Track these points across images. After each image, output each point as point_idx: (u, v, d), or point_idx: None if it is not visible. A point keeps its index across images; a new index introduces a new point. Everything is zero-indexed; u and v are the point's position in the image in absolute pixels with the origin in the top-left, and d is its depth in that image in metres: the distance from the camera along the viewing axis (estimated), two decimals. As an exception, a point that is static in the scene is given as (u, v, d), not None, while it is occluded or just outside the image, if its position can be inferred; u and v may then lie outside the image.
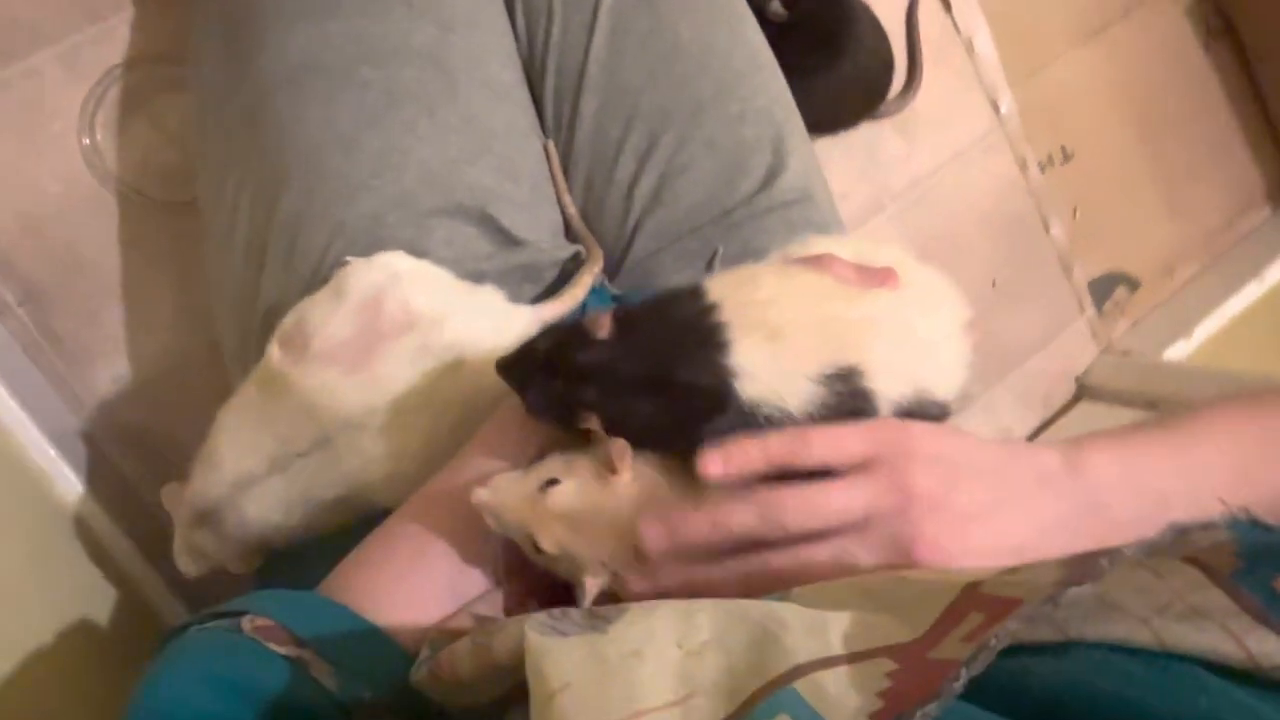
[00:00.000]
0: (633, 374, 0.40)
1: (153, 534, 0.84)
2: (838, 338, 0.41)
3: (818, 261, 0.44)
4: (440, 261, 0.60)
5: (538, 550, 0.41)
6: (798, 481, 0.38)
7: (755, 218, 0.69)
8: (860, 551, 0.37)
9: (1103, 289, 1.33)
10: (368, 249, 0.59)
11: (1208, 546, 0.28)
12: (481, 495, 0.41)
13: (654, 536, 0.39)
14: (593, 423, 0.41)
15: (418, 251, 0.59)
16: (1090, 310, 1.31)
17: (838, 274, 0.44)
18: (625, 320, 0.42)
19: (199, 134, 0.69)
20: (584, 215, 0.73)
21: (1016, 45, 1.21)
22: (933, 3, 1.14)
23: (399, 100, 0.62)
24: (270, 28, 0.61)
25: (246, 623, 0.40)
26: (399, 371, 0.51)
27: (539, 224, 0.67)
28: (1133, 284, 1.35)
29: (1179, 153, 1.35)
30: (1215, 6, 1.33)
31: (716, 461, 0.38)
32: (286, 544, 0.54)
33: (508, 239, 0.65)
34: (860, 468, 0.38)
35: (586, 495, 0.40)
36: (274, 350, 0.52)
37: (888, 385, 0.41)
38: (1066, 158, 1.27)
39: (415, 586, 0.44)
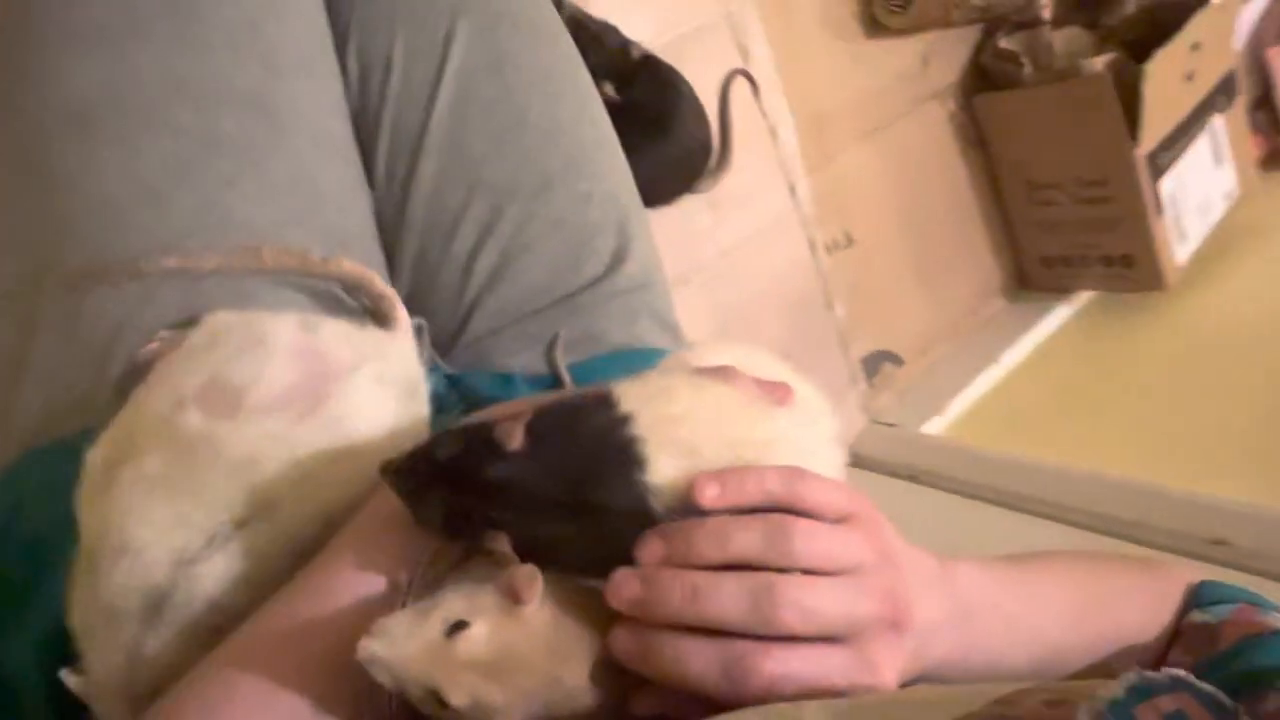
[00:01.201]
0: (549, 494, 0.38)
1: None
2: (746, 458, 0.41)
3: (723, 374, 0.44)
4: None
5: (442, 706, 0.36)
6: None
7: (598, 303, 0.68)
8: (862, 599, 0.37)
9: (872, 365, 1.44)
10: (180, 316, 0.52)
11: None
12: (373, 650, 0.36)
13: (651, 549, 0.37)
14: (500, 543, 0.38)
15: None
16: (861, 384, 1.41)
17: (744, 389, 0.44)
18: (538, 432, 0.39)
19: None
20: (415, 287, 0.68)
21: (813, 135, 1.30)
22: (745, 90, 1.19)
23: (218, 150, 0.55)
24: (56, 47, 0.51)
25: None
26: (360, 409, 0.47)
27: (369, 293, 0.62)
28: (897, 361, 1.48)
29: (938, 245, 1.51)
30: (972, 119, 1.50)
31: (713, 487, 0.37)
32: None
33: (339, 307, 0.59)
34: (844, 521, 0.39)
35: (500, 636, 0.37)
36: (193, 415, 0.45)
37: None
38: (849, 243, 1.37)
39: None
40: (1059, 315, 1.54)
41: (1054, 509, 1.13)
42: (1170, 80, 1.35)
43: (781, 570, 0.37)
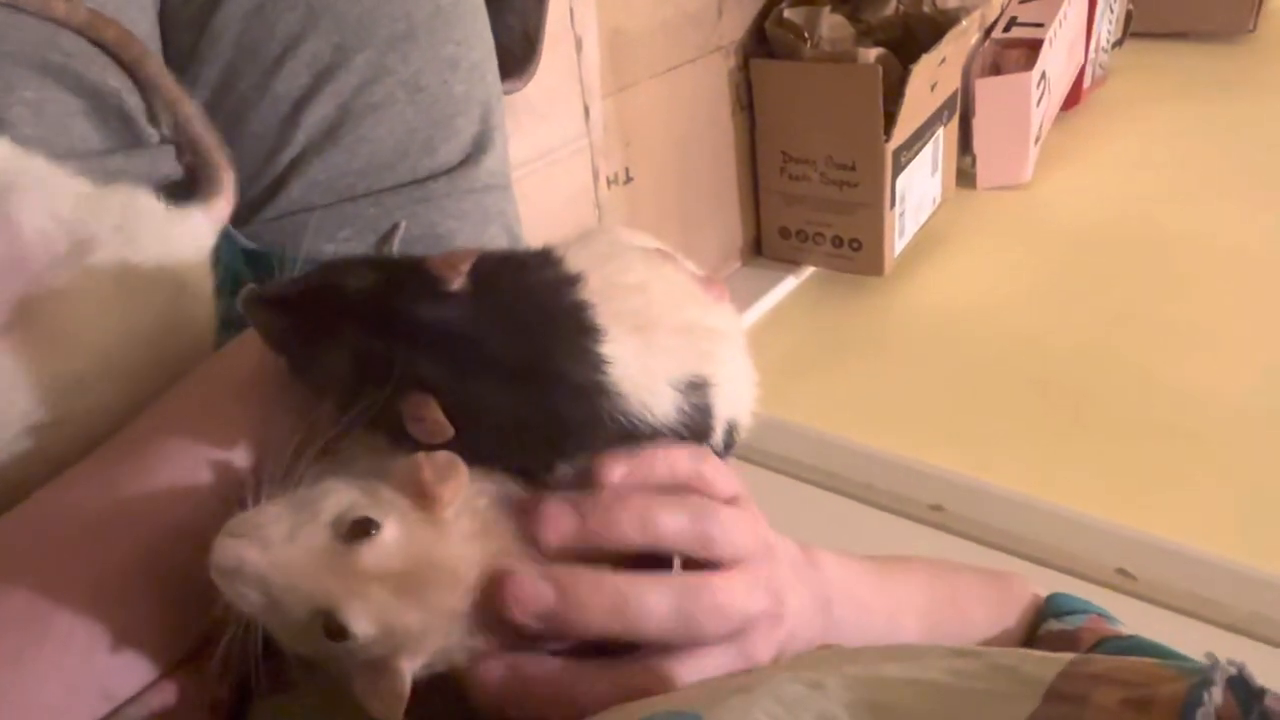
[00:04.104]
0: (495, 349, 0.31)
1: None
2: (696, 345, 0.36)
3: (666, 256, 0.39)
4: (22, 142, 0.38)
5: (332, 635, 0.27)
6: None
7: (453, 196, 0.57)
8: (755, 594, 0.35)
9: (624, 307, 1.43)
10: None
11: None
12: (240, 555, 0.26)
13: (561, 525, 0.31)
14: (429, 409, 0.30)
15: None
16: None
17: (690, 275, 0.39)
18: (483, 275, 0.32)
19: None
20: (211, 119, 0.53)
21: (610, 60, 1.23)
22: (560, -10, 1.10)
23: None
24: None
25: None
26: (93, 319, 0.34)
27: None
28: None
29: (697, 199, 1.52)
30: (746, 81, 1.53)
31: (620, 467, 0.33)
32: None
33: (131, 133, 0.44)
34: (732, 504, 0.36)
35: (415, 543, 0.29)
36: None
37: (722, 405, 0.38)
38: (628, 179, 1.33)
39: (33, 689, 0.27)
40: (787, 285, 1.64)
41: (784, 464, 1.20)
42: (921, 86, 1.47)
43: (699, 559, 0.34)
